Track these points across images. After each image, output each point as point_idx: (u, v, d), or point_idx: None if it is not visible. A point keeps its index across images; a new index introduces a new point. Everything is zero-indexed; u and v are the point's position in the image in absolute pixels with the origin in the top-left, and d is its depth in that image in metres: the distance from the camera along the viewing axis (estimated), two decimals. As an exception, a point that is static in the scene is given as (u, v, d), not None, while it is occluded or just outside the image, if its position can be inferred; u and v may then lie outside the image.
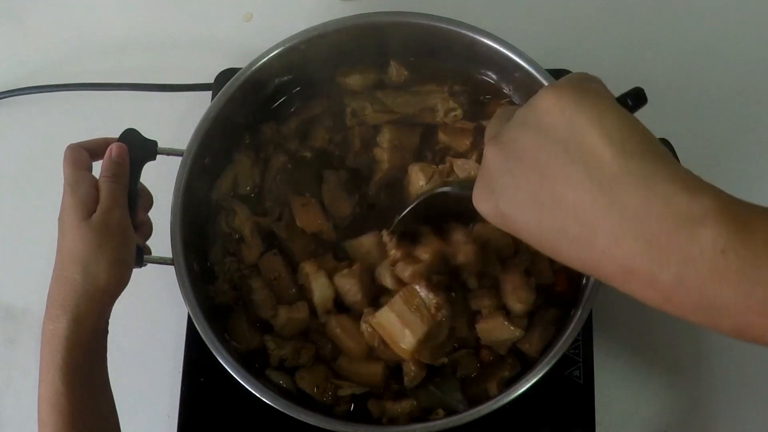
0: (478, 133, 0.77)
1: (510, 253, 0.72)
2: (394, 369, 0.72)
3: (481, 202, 0.46)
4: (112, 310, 0.67)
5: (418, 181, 0.73)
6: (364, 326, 0.69)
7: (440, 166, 0.74)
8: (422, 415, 0.71)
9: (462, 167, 0.74)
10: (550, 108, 0.41)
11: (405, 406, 0.71)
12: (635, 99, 0.46)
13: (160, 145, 0.73)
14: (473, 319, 0.71)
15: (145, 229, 0.72)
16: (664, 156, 0.40)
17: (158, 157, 0.73)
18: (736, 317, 0.38)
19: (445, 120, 0.78)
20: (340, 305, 0.73)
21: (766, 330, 0.37)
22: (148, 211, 0.72)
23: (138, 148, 0.71)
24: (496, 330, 0.69)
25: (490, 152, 0.44)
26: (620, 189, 0.39)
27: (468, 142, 0.77)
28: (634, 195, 0.39)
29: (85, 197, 0.65)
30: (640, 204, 0.38)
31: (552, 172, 0.41)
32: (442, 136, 0.77)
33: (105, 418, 0.64)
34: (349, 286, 0.71)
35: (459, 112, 0.78)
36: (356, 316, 0.71)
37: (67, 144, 0.69)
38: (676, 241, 0.38)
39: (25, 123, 0.96)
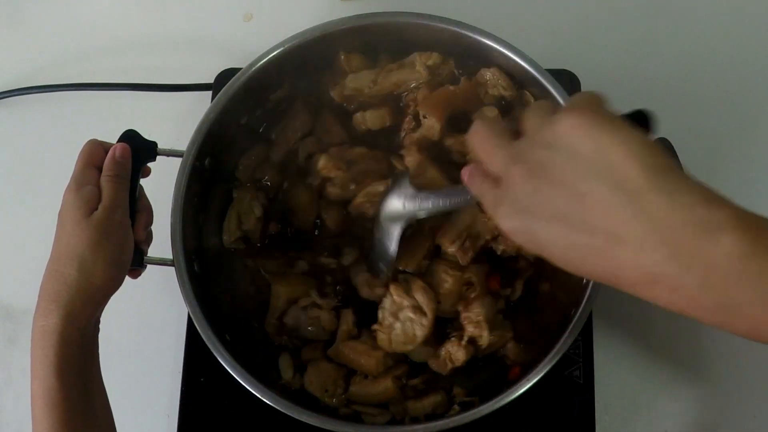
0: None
1: None
2: (410, 372, 0.73)
3: (506, 221, 0.48)
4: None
5: None
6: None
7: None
8: (444, 411, 0.71)
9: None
10: (574, 130, 0.44)
11: (428, 402, 0.71)
12: (643, 121, 0.49)
13: (160, 145, 0.73)
14: None
15: (146, 239, 0.72)
16: (682, 172, 0.43)
17: (158, 157, 0.73)
18: (751, 318, 0.41)
19: (427, 63, 0.78)
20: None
21: None
22: (148, 228, 0.72)
23: (138, 149, 0.71)
24: None
25: (515, 172, 0.47)
26: (645, 201, 0.42)
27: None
28: (658, 205, 0.42)
29: (88, 195, 0.65)
30: (665, 213, 0.41)
31: (579, 188, 0.44)
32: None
33: (99, 414, 0.64)
34: None
35: (436, 55, 0.78)
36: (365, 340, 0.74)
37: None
38: (699, 246, 0.41)
39: (25, 123, 0.96)
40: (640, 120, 0.49)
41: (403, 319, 0.71)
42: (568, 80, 0.83)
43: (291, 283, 0.77)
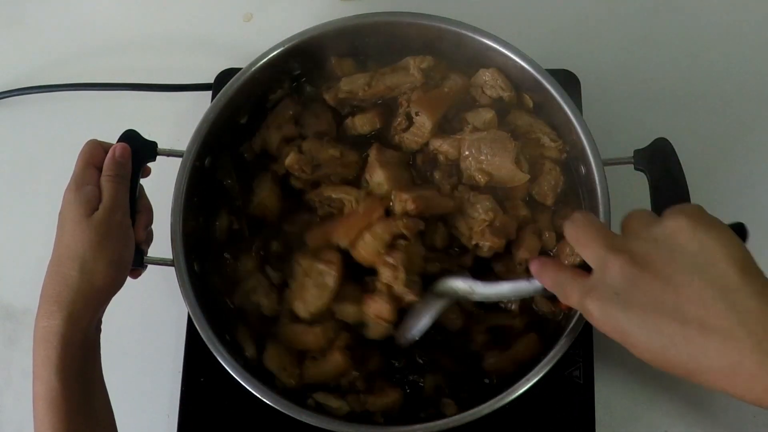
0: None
1: None
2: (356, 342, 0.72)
3: (597, 306, 0.52)
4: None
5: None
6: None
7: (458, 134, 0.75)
8: (415, 411, 0.71)
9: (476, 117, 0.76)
10: (683, 230, 0.50)
11: (389, 398, 0.71)
12: (740, 232, 0.53)
13: (160, 145, 0.73)
14: None
15: (146, 239, 0.72)
16: None
17: (158, 157, 0.73)
18: None
19: (421, 66, 0.78)
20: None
21: None
22: (148, 228, 0.72)
23: (138, 149, 0.71)
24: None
25: (615, 261, 0.51)
26: (739, 297, 0.47)
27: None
28: (750, 302, 0.47)
29: (89, 195, 0.65)
30: (755, 309, 0.46)
31: (678, 280, 0.48)
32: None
33: (101, 415, 0.64)
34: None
35: (430, 59, 0.78)
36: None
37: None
38: None
39: (25, 123, 0.96)
40: (738, 231, 0.53)
41: (315, 275, 0.71)
42: (568, 80, 0.83)
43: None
